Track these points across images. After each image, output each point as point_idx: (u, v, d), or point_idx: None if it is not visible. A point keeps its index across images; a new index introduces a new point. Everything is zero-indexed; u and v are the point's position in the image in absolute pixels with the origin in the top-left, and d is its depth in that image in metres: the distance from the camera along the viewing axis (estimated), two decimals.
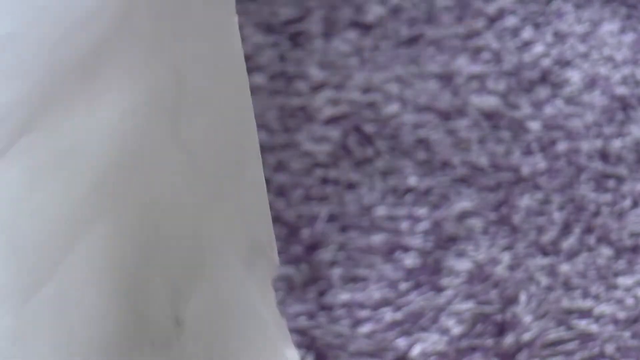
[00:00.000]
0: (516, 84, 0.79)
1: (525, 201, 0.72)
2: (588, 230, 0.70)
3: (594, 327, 0.65)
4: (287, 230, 0.71)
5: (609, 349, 0.64)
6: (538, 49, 0.82)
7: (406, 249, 0.69)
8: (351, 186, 0.74)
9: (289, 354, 0.46)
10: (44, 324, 0.35)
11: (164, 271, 0.40)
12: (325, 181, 0.74)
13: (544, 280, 0.67)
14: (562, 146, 0.75)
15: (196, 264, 0.41)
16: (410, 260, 0.68)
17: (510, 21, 0.84)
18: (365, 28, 0.82)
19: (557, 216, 0.71)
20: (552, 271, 0.68)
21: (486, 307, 0.66)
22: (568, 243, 0.69)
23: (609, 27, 0.82)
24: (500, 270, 0.68)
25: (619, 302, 0.66)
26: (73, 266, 0.35)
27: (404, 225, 0.71)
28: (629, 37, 0.82)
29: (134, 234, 0.37)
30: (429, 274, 0.68)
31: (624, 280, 0.67)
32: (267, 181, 0.71)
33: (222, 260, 0.42)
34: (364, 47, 0.82)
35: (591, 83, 0.79)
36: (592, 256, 0.69)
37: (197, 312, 0.42)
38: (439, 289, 0.67)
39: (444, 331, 0.64)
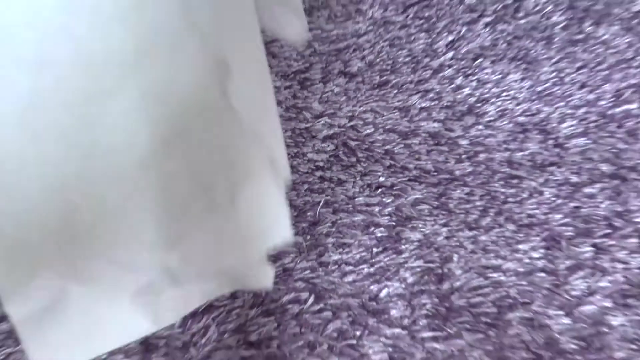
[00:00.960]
0: (452, 114, 0.81)
1: (457, 193, 0.74)
2: (499, 213, 0.72)
3: (502, 278, 0.67)
4: (297, 212, 0.72)
5: (512, 292, 0.66)
6: (466, 91, 0.82)
7: (377, 225, 0.71)
8: (340, 183, 0.75)
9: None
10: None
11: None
12: (322, 179, 0.75)
13: (470, 247, 0.69)
14: (482, 156, 0.77)
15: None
16: (380, 233, 0.70)
17: (448, 72, 0.84)
18: (350, 76, 0.82)
19: (479, 204, 0.73)
20: (475, 240, 0.70)
21: (430, 264, 0.68)
22: (485, 222, 0.71)
23: (514, 77, 0.83)
24: (440, 240, 0.69)
25: (519, 261, 0.68)
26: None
27: (376, 209, 0.73)
28: (526, 84, 0.83)
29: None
30: (393, 242, 0.69)
31: (523, 247, 0.69)
32: None
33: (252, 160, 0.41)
34: (349, 89, 0.83)
35: (502, 114, 0.81)
36: (502, 231, 0.71)
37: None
38: (399, 252, 0.69)
39: (402, 280, 0.66)
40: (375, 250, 0.70)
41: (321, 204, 0.73)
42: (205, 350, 0.63)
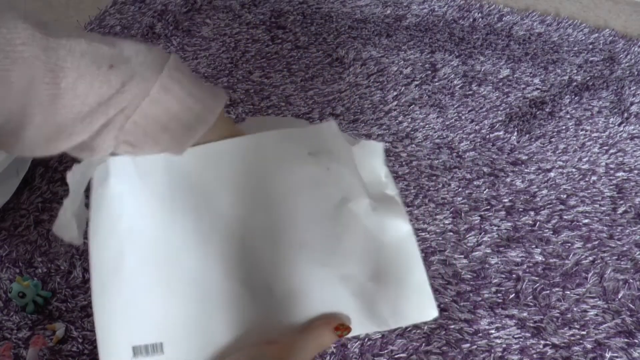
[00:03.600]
0: (396, 138, 0.76)
1: (399, 185, 0.71)
2: (425, 197, 0.69)
3: (427, 235, 0.65)
4: None
5: (433, 244, 0.64)
6: (405, 124, 0.79)
7: None
8: None
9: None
10: None
11: None
12: None
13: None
14: (414, 163, 0.73)
15: None
16: None
17: (394, 113, 0.81)
18: (336, 116, 0.79)
19: (412, 191, 0.70)
20: (410, 213, 0.67)
21: None
22: (417, 202, 0.69)
23: (433, 116, 0.80)
24: None
25: (437, 225, 0.66)
26: None
27: None
28: (440, 120, 0.80)
29: None
30: None
31: (439, 217, 0.67)
32: None
33: None
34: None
35: (425, 137, 0.77)
36: (426, 207, 0.68)
37: None
38: None
39: None
40: None
41: None
42: None
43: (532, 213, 0.67)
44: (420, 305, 0.26)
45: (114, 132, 0.24)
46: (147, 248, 0.23)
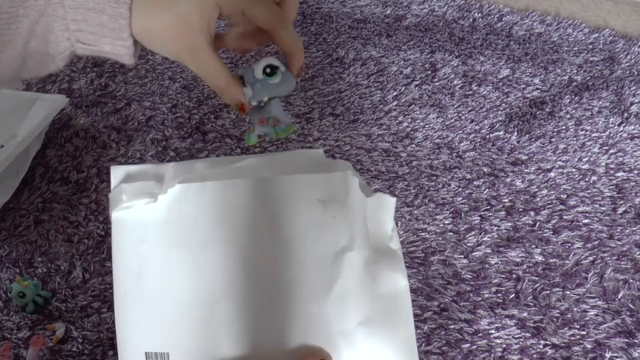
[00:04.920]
0: (396, 138, 0.76)
1: (400, 185, 0.70)
2: (425, 197, 0.69)
3: (427, 235, 0.65)
4: None
5: (433, 244, 0.64)
6: (405, 124, 0.79)
7: None
8: None
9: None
10: None
11: None
12: None
13: (407, 217, 0.66)
14: (414, 163, 0.73)
15: None
16: None
17: (394, 113, 0.81)
18: (336, 116, 0.79)
19: (413, 191, 0.70)
20: (411, 213, 0.67)
21: None
22: (417, 202, 0.69)
23: (433, 116, 0.80)
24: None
25: (437, 225, 0.66)
26: None
27: None
28: (440, 120, 0.80)
29: None
30: None
31: (439, 217, 0.66)
32: None
33: None
34: (335, 123, 0.79)
35: (425, 137, 0.77)
36: (426, 207, 0.68)
37: None
38: None
39: None
40: None
41: None
42: None
43: (532, 213, 0.67)
44: (404, 359, 0.27)
45: (60, 33, 0.25)
46: (161, 272, 0.26)
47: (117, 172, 0.27)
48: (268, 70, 0.29)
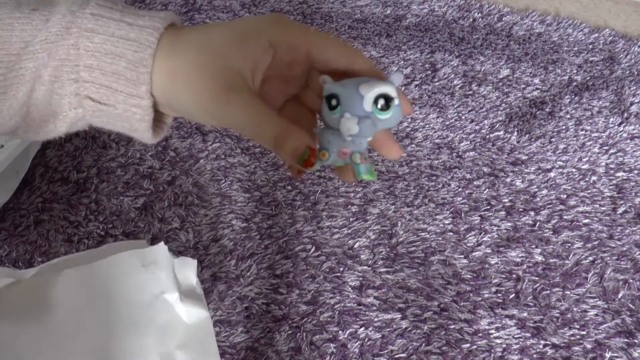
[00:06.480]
0: (396, 138, 0.71)
1: (400, 185, 0.70)
2: (425, 197, 0.69)
3: (427, 235, 0.64)
4: (304, 197, 0.67)
5: (433, 244, 0.64)
6: (404, 124, 0.79)
7: (352, 204, 0.67)
8: (330, 179, 0.71)
9: None
10: None
11: None
12: (319, 177, 0.71)
13: (408, 217, 0.66)
14: (414, 163, 0.73)
15: None
16: (354, 209, 0.66)
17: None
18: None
19: (413, 191, 0.70)
20: (411, 213, 0.67)
21: (384, 228, 0.65)
22: (417, 202, 0.68)
23: (432, 116, 0.80)
24: (390, 213, 0.66)
25: (437, 225, 0.65)
26: None
27: (352, 194, 0.69)
28: (440, 120, 0.80)
29: None
30: (362, 214, 0.66)
31: (439, 217, 0.66)
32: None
33: None
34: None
35: (425, 137, 0.76)
36: (426, 207, 0.68)
37: None
38: (366, 220, 0.65)
39: (367, 237, 0.63)
40: (351, 219, 0.66)
41: (319, 191, 0.69)
42: (249, 280, 0.60)
43: (532, 213, 0.67)
44: None
45: (68, 83, 0.21)
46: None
47: None
48: (382, 101, 0.22)
